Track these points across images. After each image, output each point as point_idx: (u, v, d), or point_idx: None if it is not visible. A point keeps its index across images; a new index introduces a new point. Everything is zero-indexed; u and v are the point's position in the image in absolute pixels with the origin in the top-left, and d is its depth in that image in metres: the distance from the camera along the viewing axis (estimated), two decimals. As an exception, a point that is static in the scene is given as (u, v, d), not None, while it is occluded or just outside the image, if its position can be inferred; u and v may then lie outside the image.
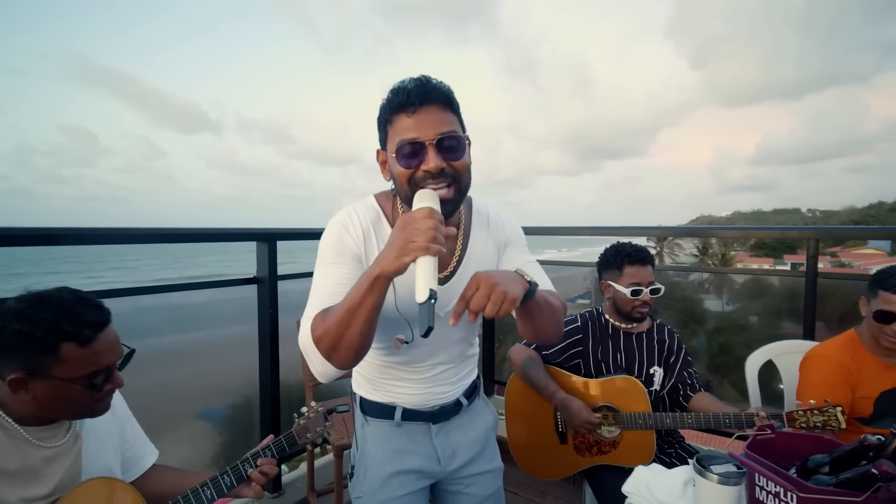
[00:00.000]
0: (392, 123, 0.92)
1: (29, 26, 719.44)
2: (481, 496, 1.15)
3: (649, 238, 39.52)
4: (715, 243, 41.40)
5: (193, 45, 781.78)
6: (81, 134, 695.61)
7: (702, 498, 0.95)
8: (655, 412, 1.51)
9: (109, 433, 1.06)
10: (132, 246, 5.77)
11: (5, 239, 1.39)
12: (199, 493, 1.02)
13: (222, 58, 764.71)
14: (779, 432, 1.08)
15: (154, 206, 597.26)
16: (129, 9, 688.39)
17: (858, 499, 0.81)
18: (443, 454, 1.10)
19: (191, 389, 2.18)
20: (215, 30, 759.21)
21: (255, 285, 1.94)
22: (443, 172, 0.89)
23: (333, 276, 0.93)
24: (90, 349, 0.88)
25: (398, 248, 0.77)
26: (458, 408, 1.12)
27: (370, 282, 0.79)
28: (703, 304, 4.09)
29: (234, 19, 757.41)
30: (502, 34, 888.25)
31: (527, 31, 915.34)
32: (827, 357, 1.47)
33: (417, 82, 0.89)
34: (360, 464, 1.10)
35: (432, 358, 1.06)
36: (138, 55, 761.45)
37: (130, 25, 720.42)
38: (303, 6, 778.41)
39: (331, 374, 0.89)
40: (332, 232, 0.97)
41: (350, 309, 0.80)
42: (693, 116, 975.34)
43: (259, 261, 1.94)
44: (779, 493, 0.89)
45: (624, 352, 1.64)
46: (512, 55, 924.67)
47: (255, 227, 1.93)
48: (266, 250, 1.92)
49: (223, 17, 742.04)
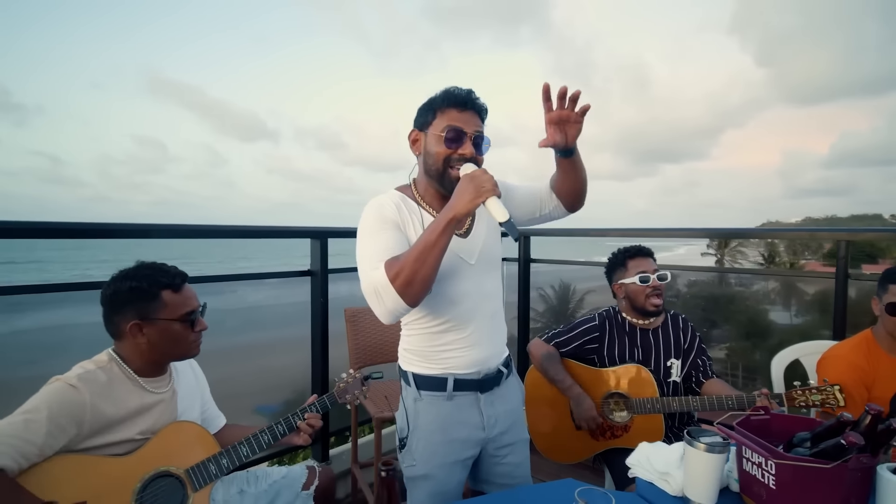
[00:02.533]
0: (443, 111, 1.15)
1: (107, 43, 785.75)
2: (514, 464, 1.30)
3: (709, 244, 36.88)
4: (783, 251, 38.54)
5: (251, 58, 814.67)
6: (152, 143, 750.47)
7: (690, 465, 1.05)
8: (663, 397, 1.60)
9: (195, 392, 1.33)
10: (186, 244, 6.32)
11: (106, 232, 1.68)
12: (258, 437, 1.26)
13: (278, 68, 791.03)
14: (774, 415, 1.16)
15: (217, 212, 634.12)
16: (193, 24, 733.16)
17: (828, 465, 0.90)
18: (488, 422, 1.24)
19: (250, 385, 2.43)
20: (271, 42, 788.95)
21: (308, 277, 2.19)
22: (471, 159, 1.13)
23: (382, 239, 1.11)
24: (181, 294, 1.17)
25: (472, 193, 1.00)
26: (499, 377, 1.27)
27: (446, 222, 1.00)
28: (768, 316, 3.90)
29: (288, 31, 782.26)
30: (554, 35, 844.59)
31: (580, 32, 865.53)
32: (841, 357, 1.50)
33: (469, 90, 1.15)
34: (412, 436, 1.23)
35: (472, 313, 1.21)
36: (202, 67, 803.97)
37: (194, 39, 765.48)
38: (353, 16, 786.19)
39: (400, 312, 1.06)
40: (370, 211, 1.18)
41: (427, 245, 1.00)
42: (760, 116, 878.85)
43: (312, 256, 2.19)
44: (761, 462, 0.99)
45: (641, 347, 1.73)
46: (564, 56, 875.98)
47: (310, 226, 2.18)
48: (318, 246, 2.17)
49: (278, 30, 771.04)
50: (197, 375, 1.39)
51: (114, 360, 1.16)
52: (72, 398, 1.03)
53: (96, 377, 1.10)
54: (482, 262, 1.23)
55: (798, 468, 0.92)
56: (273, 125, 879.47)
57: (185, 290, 1.20)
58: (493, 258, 1.28)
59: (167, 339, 1.16)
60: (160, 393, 1.20)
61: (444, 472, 1.20)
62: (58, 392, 1.03)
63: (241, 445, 1.24)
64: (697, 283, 13.16)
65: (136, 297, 1.14)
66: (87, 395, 1.05)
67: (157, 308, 1.15)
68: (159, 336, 1.15)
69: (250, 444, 1.25)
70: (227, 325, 2.36)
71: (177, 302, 1.16)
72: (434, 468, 1.20)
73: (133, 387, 1.15)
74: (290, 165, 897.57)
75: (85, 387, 1.06)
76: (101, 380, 1.10)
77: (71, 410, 1.02)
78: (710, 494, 1.02)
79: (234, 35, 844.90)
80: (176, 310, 1.16)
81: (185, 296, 1.18)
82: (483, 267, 1.23)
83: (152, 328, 1.15)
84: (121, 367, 1.15)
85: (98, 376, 1.10)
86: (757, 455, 0.99)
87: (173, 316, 1.16)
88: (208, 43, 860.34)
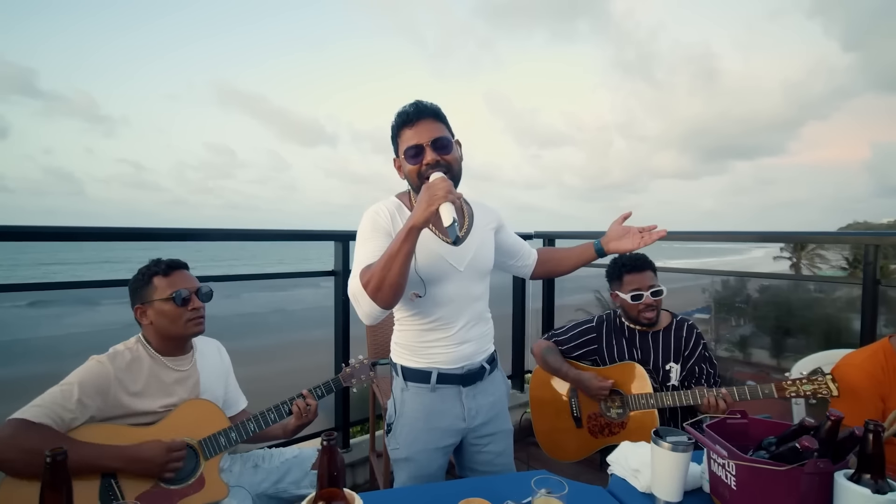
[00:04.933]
0: (400, 136, 1.25)
1: (181, 57, 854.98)
2: (495, 452, 1.37)
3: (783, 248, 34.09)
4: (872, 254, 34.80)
5: (309, 65, 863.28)
6: (222, 150, 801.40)
7: (656, 463, 1.07)
8: (656, 392, 1.60)
9: (219, 373, 1.51)
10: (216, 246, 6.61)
11: (155, 235, 1.91)
12: (265, 415, 1.42)
13: (335, 74, 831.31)
14: (752, 419, 1.15)
15: (281, 215, 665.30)
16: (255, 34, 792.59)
17: (782, 468, 0.90)
18: (468, 413, 1.32)
19: (276, 384, 2.57)
20: (328, 49, 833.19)
21: (332, 277, 2.36)
22: (438, 164, 1.20)
23: (371, 246, 1.23)
24: (169, 278, 1.35)
25: (425, 202, 1.08)
26: (482, 372, 1.35)
27: (406, 231, 1.08)
28: (851, 325, 3.64)
29: (343, 38, 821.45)
30: (614, 28, 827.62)
31: (641, 23, 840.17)
32: (855, 366, 1.42)
33: (413, 105, 1.24)
34: (398, 422, 1.34)
35: (458, 315, 1.30)
36: (265, 76, 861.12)
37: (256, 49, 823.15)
38: (407, 18, 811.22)
39: (376, 314, 1.16)
40: (367, 218, 1.30)
41: (391, 255, 1.09)
42: (846, 106, 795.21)
43: (336, 257, 2.36)
44: (724, 464, 1.00)
45: (640, 349, 1.73)
46: (624, 50, 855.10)
47: (333, 229, 2.35)
48: (341, 249, 2.33)
49: (333, 36, 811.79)
50: (223, 359, 1.57)
51: (140, 342, 1.36)
52: (99, 371, 1.23)
53: (123, 356, 1.30)
54: (471, 269, 1.31)
55: (755, 469, 0.93)
56: (331, 129, 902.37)
57: (174, 274, 1.36)
58: (483, 266, 1.35)
59: (163, 318, 1.34)
60: (182, 370, 1.38)
61: (424, 457, 1.29)
62: (88, 368, 1.24)
63: (248, 422, 1.40)
64: (770, 288, 12.29)
65: (136, 285, 1.36)
66: (111, 370, 1.25)
67: (150, 292, 1.34)
68: (156, 316, 1.34)
69: (257, 420, 1.41)
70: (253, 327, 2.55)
71: (164, 285, 1.34)
72: (415, 453, 1.29)
73: (155, 364, 1.34)
74: (348, 168, 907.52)
75: (111, 363, 1.26)
76: (127, 358, 1.30)
77: (97, 382, 1.22)
78: (673, 492, 1.04)
79: (293, 43, 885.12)
80: (164, 291, 1.33)
81: (174, 279, 1.36)
82: (471, 273, 1.31)
83: (151, 309, 1.34)
84: (145, 348, 1.35)
85: (124, 355, 1.30)
86: (720, 456, 1.00)
87: (163, 296, 1.33)
88: (269, 52, 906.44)
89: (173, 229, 1.96)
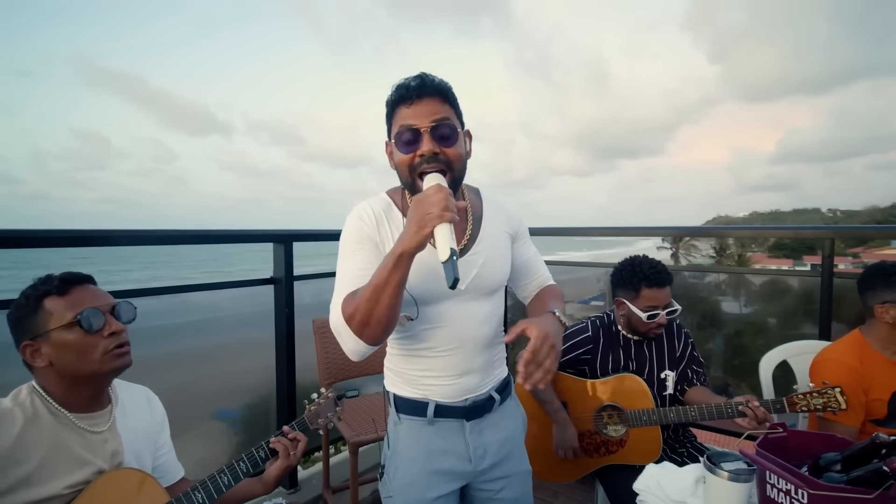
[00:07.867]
0: (395, 115, 0.98)
1: (33, 28, 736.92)
2: (510, 500, 1.14)
3: (664, 239, 38.89)
4: (732, 244, 40.73)
5: (198, 47, 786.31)
6: (93, 137, 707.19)
7: (712, 495, 0.95)
8: (659, 407, 1.51)
9: (148, 433, 1.11)
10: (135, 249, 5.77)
11: (40, 241, 1.45)
12: (237, 465, 1.09)
13: (227, 59, 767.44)
14: (791, 430, 1.08)
15: (169, 209, 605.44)
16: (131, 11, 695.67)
17: (870, 496, 0.81)
18: (474, 453, 1.09)
19: (207, 390, 2.21)
20: (220, 32, 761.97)
21: (271, 286, 1.99)
22: (436, 157, 0.95)
23: (356, 263, 0.98)
24: (69, 297, 0.97)
25: (416, 223, 0.83)
26: (491, 403, 1.11)
27: (395, 260, 0.84)
28: (720, 306, 4.04)
29: (237, 21, 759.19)
30: (515, 27, 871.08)
31: (540, 24, 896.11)
32: (835, 360, 1.46)
33: (417, 78, 0.97)
34: (390, 462, 1.10)
35: (460, 341, 1.05)
36: (142, 57, 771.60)
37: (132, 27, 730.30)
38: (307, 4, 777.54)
39: (362, 351, 0.93)
40: (350, 224, 1.03)
41: (378, 286, 0.85)
42: (713, 113, 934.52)
43: (276, 262, 1.99)
44: (790, 490, 0.90)
45: (635, 359, 1.64)
46: (525, 50, 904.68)
47: (272, 229, 1.97)
48: (283, 251, 1.97)
49: (226, 19, 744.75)
50: (154, 412, 1.16)
51: (34, 393, 0.95)
52: None
53: (12, 417, 0.89)
54: (474, 289, 1.05)
55: (834, 499, 0.84)
56: (224, 117, 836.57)
57: (74, 291, 0.98)
58: (490, 284, 1.08)
59: (66, 352, 0.95)
60: (96, 432, 0.99)
61: None
62: None
63: (220, 474, 1.06)
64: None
65: (21, 315, 0.95)
66: None
67: (43, 320, 0.95)
68: (56, 351, 0.95)
69: (233, 469, 1.08)
70: (179, 328, 2.11)
71: (63, 306, 0.96)
72: (412, 502, 1.06)
73: (58, 424, 0.95)
74: (246, 161, 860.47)
75: None
76: (17, 421, 0.89)
77: None
78: (734, 527, 0.93)
79: (178, 24, 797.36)
80: (63, 315, 0.95)
81: (75, 297, 0.97)
82: (475, 294, 1.06)
83: (46, 344, 0.94)
84: (43, 401, 0.95)
85: (14, 416, 0.90)
86: (785, 482, 0.90)
87: (62, 322, 0.95)
88: (149, 32, 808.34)
89: (53, 231, 1.48)
